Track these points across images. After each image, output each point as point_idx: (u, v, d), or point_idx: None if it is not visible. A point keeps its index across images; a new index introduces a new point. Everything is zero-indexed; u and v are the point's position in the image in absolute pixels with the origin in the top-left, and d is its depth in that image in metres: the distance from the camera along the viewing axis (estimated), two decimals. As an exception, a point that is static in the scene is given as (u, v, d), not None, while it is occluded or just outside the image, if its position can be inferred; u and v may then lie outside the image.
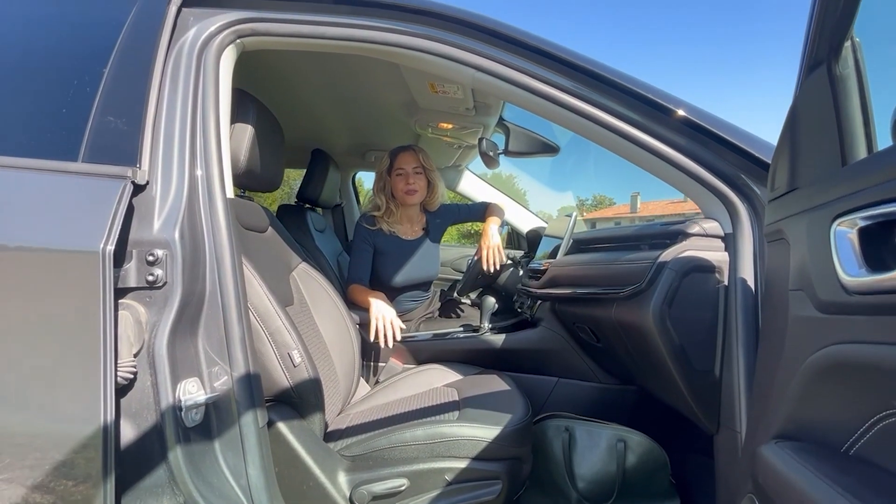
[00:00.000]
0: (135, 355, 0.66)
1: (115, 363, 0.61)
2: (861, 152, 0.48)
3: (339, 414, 1.22)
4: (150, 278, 0.67)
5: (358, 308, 1.52)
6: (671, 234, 0.89)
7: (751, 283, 0.78)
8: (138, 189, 0.70)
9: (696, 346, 0.82)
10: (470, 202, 2.28)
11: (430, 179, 1.75)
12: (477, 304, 1.81)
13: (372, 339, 1.40)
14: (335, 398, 1.18)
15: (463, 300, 1.98)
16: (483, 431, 0.93)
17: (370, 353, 1.51)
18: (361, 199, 2.75)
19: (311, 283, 1.30)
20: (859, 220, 0.36)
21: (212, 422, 0.71)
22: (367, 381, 1.50)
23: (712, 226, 0.84)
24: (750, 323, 0.76)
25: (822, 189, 0.45)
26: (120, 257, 0.66)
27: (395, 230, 1.75)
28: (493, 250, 1.61)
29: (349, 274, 1.71)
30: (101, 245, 0.60)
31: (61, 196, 0.66)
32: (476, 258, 1.88)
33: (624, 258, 0.97)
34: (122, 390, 0.65)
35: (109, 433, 0.60)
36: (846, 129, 0.48)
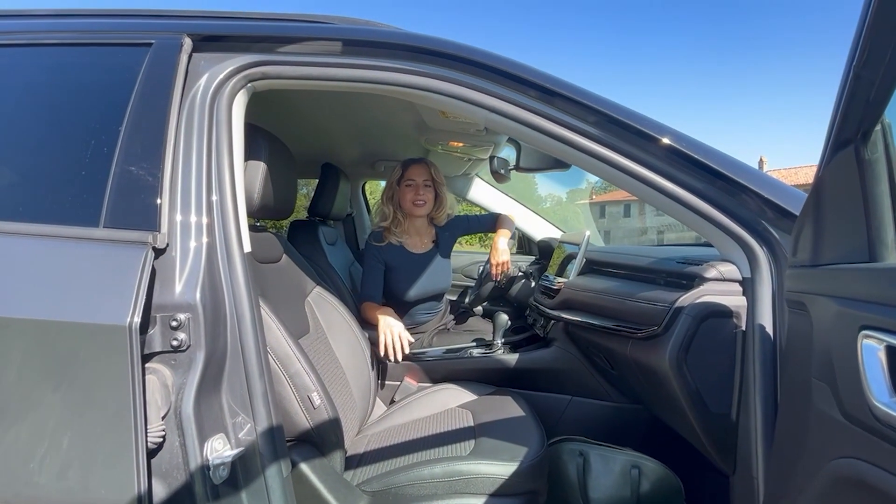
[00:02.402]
0: (162, 417, 0.68)
1: (146, 429, 0.63)
2: (889, 239, 0.47)
3: (357, 434, 1.25)
4: (175, 343, 0.69)
5: (370, 326, 1.53)
6: (688, 275, 0.88)
7: (769, 329, 0.77)
8: (159, 252, 0.71)
9: (712, 389, 0.82)
10: (481, 211, 2.29)
11: (439, 193, 1.77)
12: (489, 316, 1.83)
13: (381, 354, 1.41)
14: (353, 420, 1.21)
15: (474, 310, 2.00)
16: (500, 468, 0.95)
17: (385, 373, 1.53)
18: (371, 205, 2.75)
19: (325, 307, 1.32)
20: (888, 341, 0.36)
21: (238, 476, 0.73)
22: (383, 400, 1.53)
23: (729, 269, 0.83)
24: (768, 370, 0.76)
25: (849, 284, 0.45)
26: (144, 325, 0.67)
27: (404, 242, 1.76)
28: (503, 266, 1.67)
29: (361, 292, 1.73)
30: (128, 319, 0.61)
31: (86, 265, 0.68)
32: (487, 267, 1.89)
33: (639, 294, 0.97)
34: (151, 452, 0.67)
35: (143, 496, 0.63)
36: (873, 214, 0.47)
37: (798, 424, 0.54)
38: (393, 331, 1.42)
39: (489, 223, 1.93)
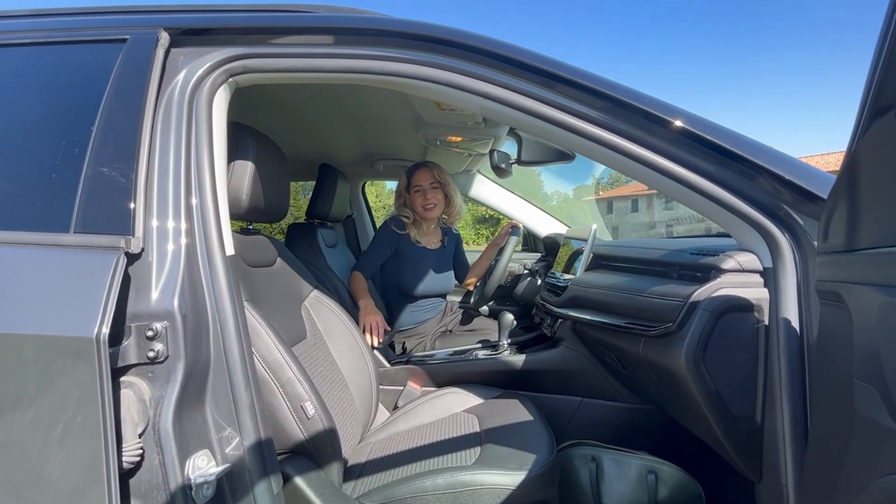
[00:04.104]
0: (141, 434, 0.63)
1: (118, 450, 0.59)
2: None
3: (359, 443, 1.21)
4: (151, 354, 0.64)
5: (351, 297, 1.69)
6: (703, 267, 0.82)
7: (795, 323, 0.71)
8: (133, 258, 0.67)
9: (733, 390, 0.76)
10: (487, 211, 2.26)
11: (447, 193, 1.82)
12: (494, 316, 1.78)
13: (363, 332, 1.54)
14: (354, 428, 1.16)
15: (479, 310, 1.95)
16: (506, 478, 0.89)
17: (388, 378, 1.49)
18: (373, 206, 2.71)
19: (323, 312, 1.27)
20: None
21: (225, 495, 0.69)
22: (386, 406, 1.48)
23: (749, 259, 0.77)
24: (795, 368, 0.70)
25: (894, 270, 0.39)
26: (118, 335, 0.63)
27: (421, 240, 1.83)
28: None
29: (359, 262, 1.78)
30: (95, 330, 0.57)
31: (54, 273, 0.63)
32: (492, 264, 1.84)
33: (651, 290, 0.91)
34: (130, 472, 0.62)
35: None
36: (922, 190, 0.41)
37: (836, 431, 0.48)
38: (374, 322, 1.57)
39: (465, 265, 2.05)
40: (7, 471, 0.57)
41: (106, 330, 0.57)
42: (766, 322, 0.74)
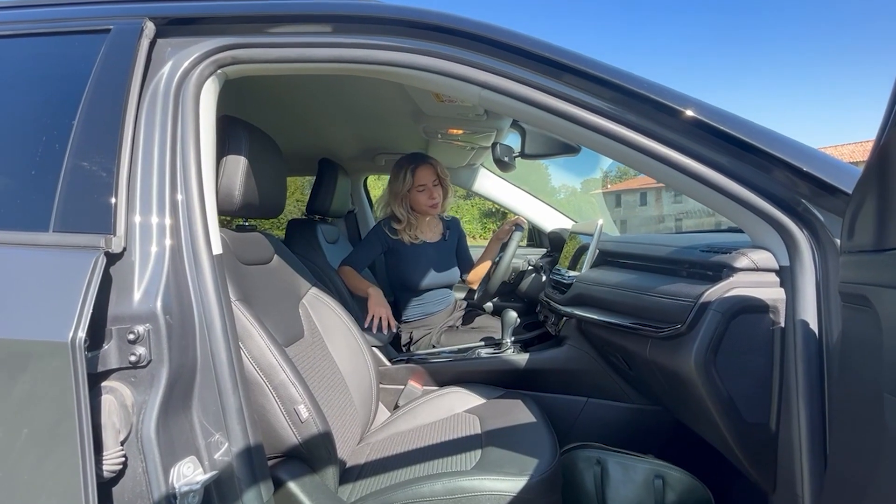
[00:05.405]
0: (123, 441, 0.61)
1: (97, 458, 0.56)
2: None
3: (359, 443, 1.18)
4: (133, 358, 0.61)
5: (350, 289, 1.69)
6: (714, 265, 0.77)
7: (813, 326, 0.67)
8: (114, 258, 0.64)
9: (746, 396, 0.72)
10: (493, 206, 2.23)
11: (445, 187, 1.79)
12: (498, 313, 1.75)
13: (365, 327, 1.55)
14: (354, 429, 1.14)
15: (483, 308, 1.92)
16: (507, 484, 0.86)
17: (388, 377, 1.46)
18: (374, 201, 2.68)
19: (322, 310, 1.25)
20: None
21: (213, 502, 0.66)
22: (387, 405, 1.45)
23: (764, 257, 0.72)
24: (813, 373, 0.66)
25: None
26: (97, 338, 0.60)
27: (419, 237, 1.80)
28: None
29: (348, 257, 1.73)
30: (70, 334, 0.54)
31: (31, 275, 0.61)
32: (496, 260, 1.80)
33: (659, 289, 0.86)
34: (112, 480, 0.60)
35: None
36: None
37: (863, 447, 0.44)
38: (382, 314, 1.58)
39: (469, 261, 1.99)
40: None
41: (82, 334, 0.55)
42: (782, 324, 0.69)
